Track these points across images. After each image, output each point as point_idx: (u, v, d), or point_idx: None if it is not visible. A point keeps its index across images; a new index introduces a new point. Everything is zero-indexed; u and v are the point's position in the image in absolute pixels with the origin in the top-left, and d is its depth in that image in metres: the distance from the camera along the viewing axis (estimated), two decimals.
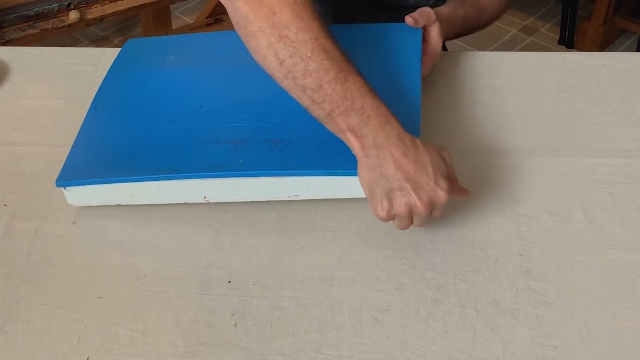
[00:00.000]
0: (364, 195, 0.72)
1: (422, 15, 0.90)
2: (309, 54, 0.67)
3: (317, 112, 0.70)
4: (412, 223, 0.72)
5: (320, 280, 0.72)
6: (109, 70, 0.89)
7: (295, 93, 0.70)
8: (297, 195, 0.76)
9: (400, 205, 0.69)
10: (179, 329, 0.68)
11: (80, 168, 0.77)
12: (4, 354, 0.66)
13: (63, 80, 0.97)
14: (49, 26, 1.69)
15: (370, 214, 0.79)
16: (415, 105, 0.78)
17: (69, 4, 1.72)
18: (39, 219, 0.79)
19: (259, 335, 0.68)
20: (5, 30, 1.63)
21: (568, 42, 2.44)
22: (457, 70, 0.99)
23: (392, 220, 0.72)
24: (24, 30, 1.66)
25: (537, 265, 0.74)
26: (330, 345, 0.67)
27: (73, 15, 1.72)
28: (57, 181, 0.76)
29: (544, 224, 0.78)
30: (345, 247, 0.76)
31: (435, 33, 0.92)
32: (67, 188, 0.76)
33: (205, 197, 0.76)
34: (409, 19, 0.90)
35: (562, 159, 0.86)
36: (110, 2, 1.78)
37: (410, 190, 0.68)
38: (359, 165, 0.70)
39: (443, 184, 0.69)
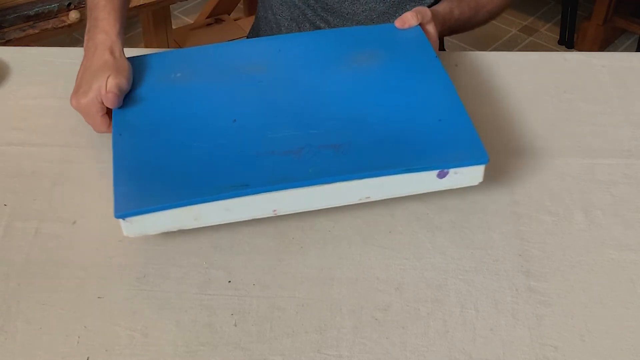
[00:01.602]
0: (433, 189, 0.75)
1: (417, 14, 0.91)
2: None
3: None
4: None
5: (320, 280, 0.73)
6: None
7: None
8: (369, 197, 0.74)
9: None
10: (179, 329, 0.68)
11: (135, 196, 0.72)
12: (4, 354, 0.66)
13: (63, 80, 0.97)
14: (49, 26, 1.70)
15: (370, 214, 0.79)
16: (465, 117, 0.78)
17: (69, 4, 1.72)
18: (39, 219, 0.79)
19: (259, 335, 0.68)
20: (5, 30, 1.63)
21: (568, 42, 2.45)
22: (457, 70, 0.99)
23: None
24: (24, 30, 1.66)
25: (537, 265, 0.74)
26: (330, 345, 0.67)
27: (73, 15, 1.72)
28: (115, 213, 0.70)
29: (544, 224, 0.78)
30: (345, 247, 0.76)
31: (432, 30, 0.92)
32: (126, 219, 0.70)
33: (274, 211, 0.73)
34: (397, 23, 0.90)
35: (562, 159, 0.86)
36: None
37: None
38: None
39: (77, 95, 0.81)
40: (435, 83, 0.83)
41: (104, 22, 0.85)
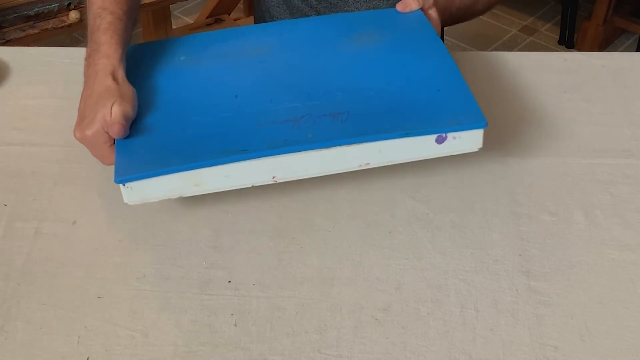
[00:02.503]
0: (433, 155, 0.75)
1: None
2: None
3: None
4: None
5: (320, 280, 0.73)
6: None
7: None
8: (368, 164, 0.74)
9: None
10: (179, 329, 0.68)
11: (136, 163, 0.73)
12: (4, 354, 0.66)
13: (63, 80, 0.97)
14: (49, 26, 1.70)
15: (370, 214, 0.79)
16: (463, 84, 0.78)
17: (69, 4, 1.72)
18: (39, 219, 0.79)
19: (259, 335, 0.68)
20: (5, 30, 1.63)
21: (568, 42, 2.45)
22: None
23: None
24: (24, 30, 1.66)
25: (537, 265, 0.74)
26: (330, 345, 0.67)
27: (73, 15, 1.73)
28: (115, 178, 0.71)
29: (544, 224, 0.78)
30: (345, 247, 0.76)
31: (434, 15, 0.92)
32: (126, 184, 0.71)
33: (274, 177, 0.74)
34: (399, 6, 0.91)
35: (562, 159, 0.86)
36: None
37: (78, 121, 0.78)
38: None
39: (81, 127, 0.77)
40: (435, 57, 0.83)
41: (105, 47, 0.80)
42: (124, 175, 0.71)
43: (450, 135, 0.73)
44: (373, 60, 0.84)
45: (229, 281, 0.72)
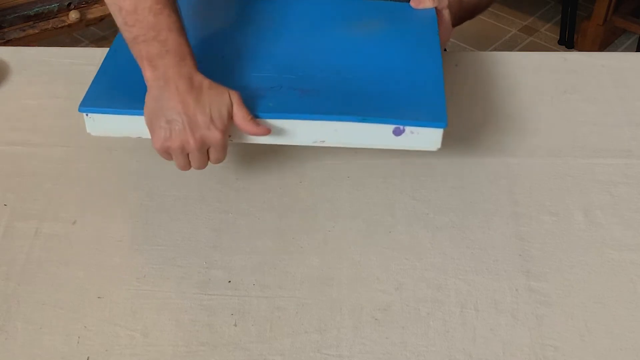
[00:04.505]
0: (390, 146, 0.74)
1: None
2: None
3: (126, 35, 0.74)
4: (190, 163, 0.74)
5: (320, 280, 0.73)
6: None
7: (112, 10, 0.74)
8: (324, 142, 0.75)
9: (173, 139, 0.71)
10: (179, 329, 0.68)
11: (104, 96, 0.76)
12: (4, 354, 0.66)
13: (63, 80, 0.97)
14: (49, 26, 1.70)
15: (370, 214, 0.79)
16: (439, 84, 0.78)
17: (69, 4, 1.72)
18: (39, 219, 0.79)
19: (259, 335, 0.68)
20: (5, 30, 1.64)
21: (568, 42, 2.45)
22: (457, 70, 0.99)
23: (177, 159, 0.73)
24: (24, 30, 1.66)
25: (537, 265, 0.74)
26: (330, 345, 0.67)
27: (73, 15, 1.73)
28: (80, 106, 0.74)
29: (544, 224, 0.78)
30: (345, 247, 0.76)
31: (446, 16, 0.91)
32: (88, 115, 0.75)
33: (230, 136, 0.75)
34: (413, 2, 0.91)
35: (562, 159, 0.86)
36: None
37: (186, 125, 0.70)
38: (147, 94, 0.72)
39: (219, 124, 0.71)
40: (424, 55, 0.83)
41: (181, 47, 0.73)
42: (89, 105, 0.75)
43: (408, 129, 0.73)
44: (363, 47, 0.85)
45: (229, 281, 0.72)
